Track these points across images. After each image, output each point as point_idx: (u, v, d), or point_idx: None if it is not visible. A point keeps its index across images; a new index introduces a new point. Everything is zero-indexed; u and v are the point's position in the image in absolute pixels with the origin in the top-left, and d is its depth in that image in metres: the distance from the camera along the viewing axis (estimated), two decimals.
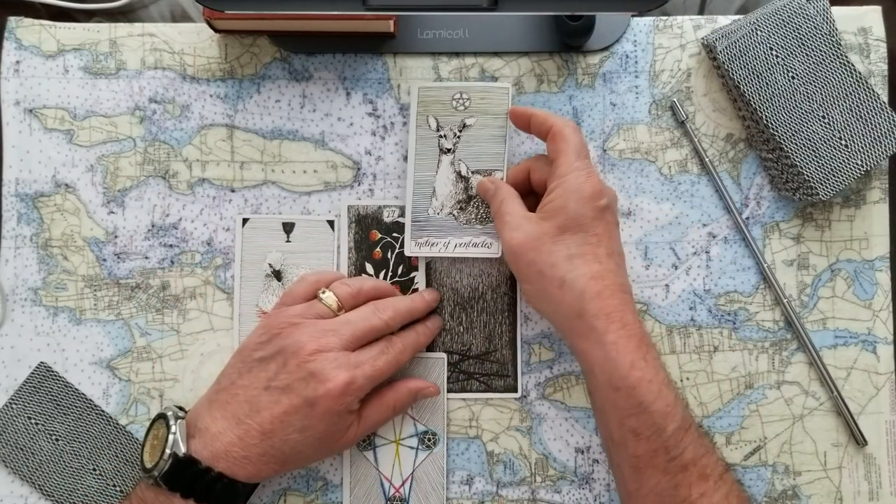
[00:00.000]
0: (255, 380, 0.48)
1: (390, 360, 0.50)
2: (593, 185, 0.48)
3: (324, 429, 0.47)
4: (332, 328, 0.49)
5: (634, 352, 0.45)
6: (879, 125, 0.53)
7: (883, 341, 0.55)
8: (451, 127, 0.55)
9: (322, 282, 0.52)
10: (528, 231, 0.48)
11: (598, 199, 0.48)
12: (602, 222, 0.48)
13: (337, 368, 0.47)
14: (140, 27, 0.57)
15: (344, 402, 0.47)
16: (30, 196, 0.56)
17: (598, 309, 0.46)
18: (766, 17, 0.54)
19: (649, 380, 0.45)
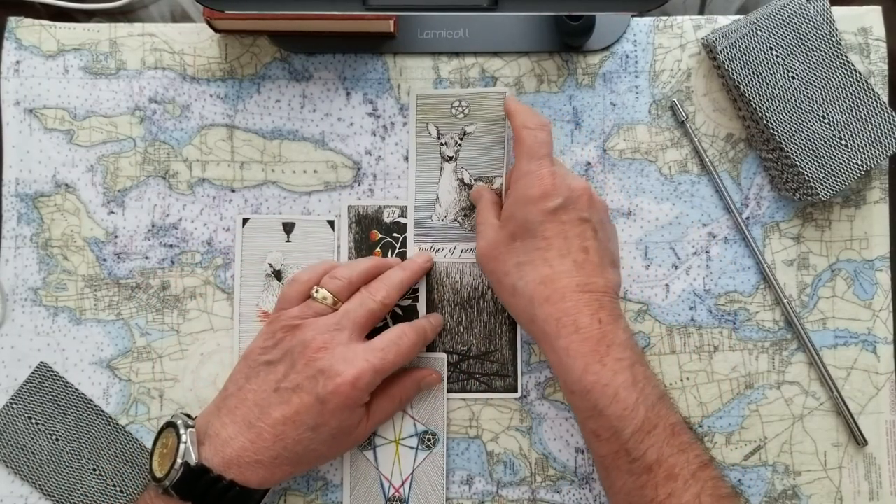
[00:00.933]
0: (264, 382, 0.48)
1: (401, 352, 0.49)
2: (543, 187, 0.47)
3: (336, 425, 0.47)
4: (334, 322, 0.49)
5: (588, 355, 0.45)
6: (879, 125, 0.53)
7: (883, 341, 0.55)
8: (452, 135, 0.56)
9: (313, 280, 0.51)
10: (488, 239, 0.49)
11: (546, 201, 0.47)
12: (553, 224, 0.47)
13: (345, 363, 0.47)
14: (140, 27, 0.57)
15: (354, 396, 0.47)
16: (30, 196, 0.56)
17: (546, 314, 0.46)
18: (766, 17, 0.54)
19: (604, 384, 0.44)
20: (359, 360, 0.47)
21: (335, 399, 0.46)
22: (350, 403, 0.47)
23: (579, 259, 0.47)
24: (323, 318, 0.49)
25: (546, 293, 0.46)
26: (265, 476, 0.47)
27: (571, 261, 0.47)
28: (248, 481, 0.46)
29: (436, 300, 0.55)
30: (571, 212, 0.47)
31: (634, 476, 0.44)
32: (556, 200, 0.47)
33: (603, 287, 0.47)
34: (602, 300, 0.46)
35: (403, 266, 0.53)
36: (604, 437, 0.45)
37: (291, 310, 0.50)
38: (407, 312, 0.55)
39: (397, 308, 0.55)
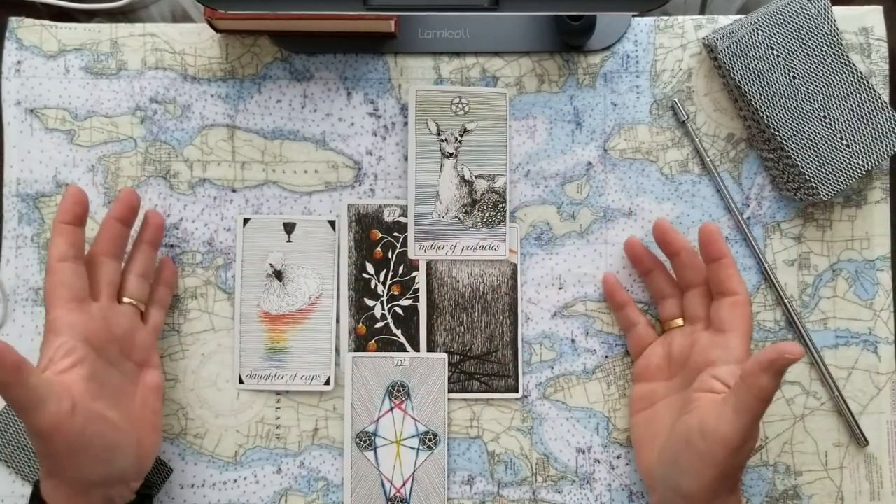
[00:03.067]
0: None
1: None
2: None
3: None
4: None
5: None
6: (880, 125, 0.53)
7: (884, 341, 0.55)
8: (452, 131, 0.56)
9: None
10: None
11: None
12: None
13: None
14: (141, 27, 0.57)
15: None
16: (31, 196, 0.56)
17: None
18: (767, 16, 0.54)
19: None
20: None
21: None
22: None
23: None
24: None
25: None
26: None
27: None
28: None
29: (436, 300, 0.55)
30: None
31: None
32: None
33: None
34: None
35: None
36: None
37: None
38: (407, 312, 0.55)
39: (398, 308, 0.55)
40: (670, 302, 0.53)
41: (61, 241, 0.47)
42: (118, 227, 0.50)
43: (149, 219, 0.53)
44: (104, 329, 0.48)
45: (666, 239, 0.52)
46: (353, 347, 0.55)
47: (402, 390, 0.55)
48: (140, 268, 0.52)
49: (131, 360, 0.50)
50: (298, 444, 0.55)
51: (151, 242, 0.53)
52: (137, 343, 0.50)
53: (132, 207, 0.51)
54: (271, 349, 0.55)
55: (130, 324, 0.50)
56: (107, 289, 0.49)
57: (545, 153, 0.56)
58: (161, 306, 0.53)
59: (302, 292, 0.55)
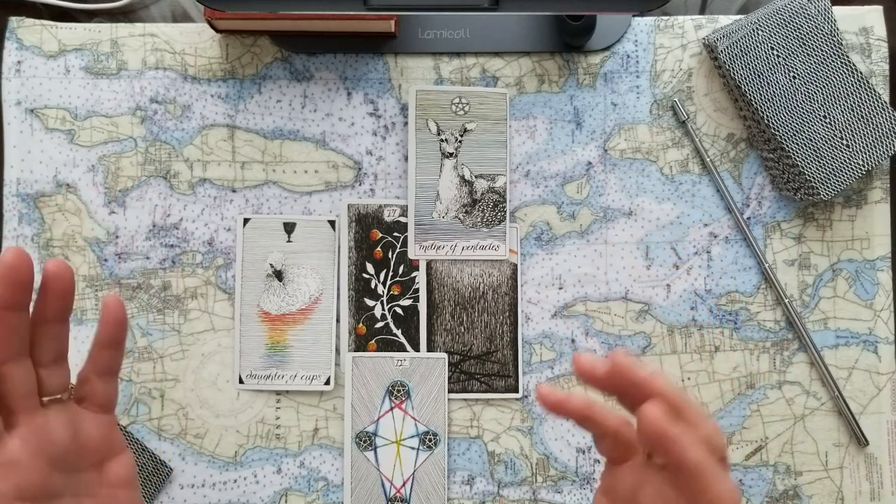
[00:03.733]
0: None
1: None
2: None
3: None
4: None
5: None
6: (880, 125, 0.53)
7: (884, 341, 0.55)
8: (452, 131, 0.56)
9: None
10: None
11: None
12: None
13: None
14: (141, 27, 0.57)
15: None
16: (31, 196, 0.56)
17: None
18: (767, 16, 0.54)
19: None
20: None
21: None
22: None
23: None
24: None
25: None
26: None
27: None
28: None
29: (436, 300, 0.55)
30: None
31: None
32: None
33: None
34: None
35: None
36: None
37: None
38: (407, 312, 0.55)
39: (398, 308, 0.55)
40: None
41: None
42: (12, 318, 0.34)
43: (48, 283, 0.35)
44: (33, 462, 0.35)
45: (627, 382, 0.36)
46: (353, 347, 0.55)
47: (402, 390, 0.55)
48: (51, 354, 0.37)
49: (84, 469, 0.38)
50: (298, 444, 0.55)
51: (58, 317, 0.36)
52: (84, 444, 0.38)
53: (21, 284, 0.34)
54: (271, 349, 0.55)
55: (66, 427, 0.37)
56: (24, 403, 0.35)
57: (545, 153, 0.56)
58: (108, 374, 0.39)
59: (302, 292, 0.55)
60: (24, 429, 0.35)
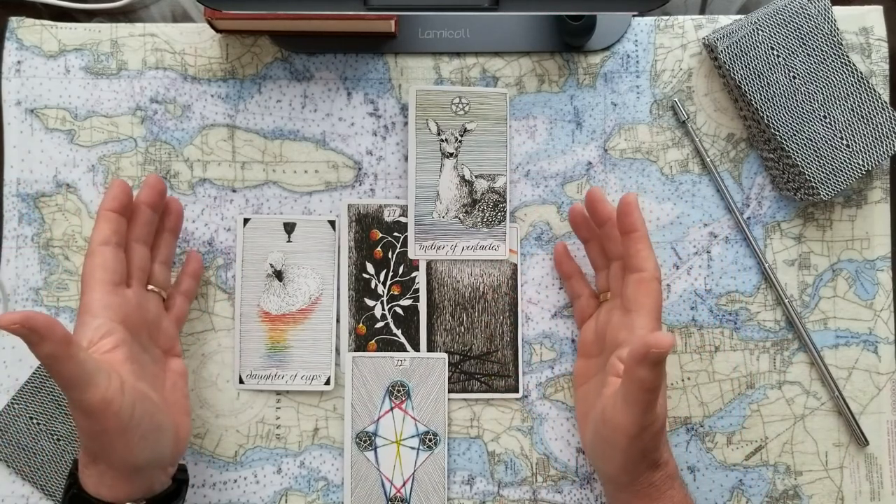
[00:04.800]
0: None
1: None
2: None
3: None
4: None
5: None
6: (881, 125, 0.53)
7: (884, 341, 0.55)
8: (453, 131, 0.56)
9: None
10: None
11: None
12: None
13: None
14: (141, 27, 0.57)
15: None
16: (31, 196, 0.56)
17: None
18: (767, 16, 0.54)
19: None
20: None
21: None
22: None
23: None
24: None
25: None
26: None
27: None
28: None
29: (436, 300, 0.55)
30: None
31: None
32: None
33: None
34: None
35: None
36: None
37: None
38: (407, 312, 0.55)
39: (398, 308, 0.55)
40: (602, 274, 0.53)
41: (106, 226, 0.47)
42: (149, 213, 0.50)
43: (170, 206, 0.52)
44: (137, 314, 0.48)
45: (594, 208, 0.50)
46: (354, 347, 0.55)
47: (402, 390, 0.55)
48: (163, 256, 0.52)
49: (158, 347, 0.50)
50: (298, 444, 0.55)
51: (173, 230, 0.53)
52: (163, 330, 0.51)
53: (161, 192, 0.51)
54: (271, 349, 0.55)
55: (157, 311, 0.51)
56: (138, 274, 0.50)
57: (545, 153, 0.56)
58: (187, 297, 0.54)
59: (302, 292, 0.55)
60: (134, 290, 0.49)
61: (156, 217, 0.51)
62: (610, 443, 0.45)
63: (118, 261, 0.48)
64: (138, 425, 0.43)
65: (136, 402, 0.43)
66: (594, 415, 0.47)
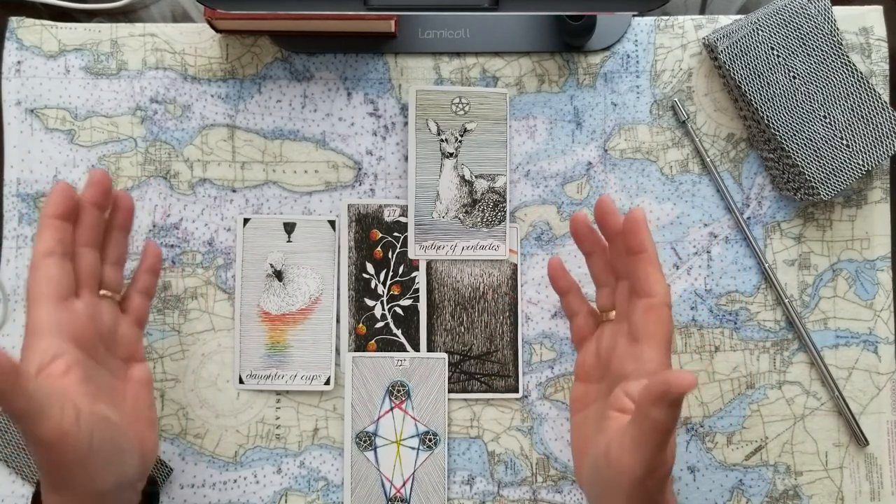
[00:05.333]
0: None
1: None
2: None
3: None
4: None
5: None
6: (881, 125, 0.53)
7: (884, 341, 0.55)
8: (453, 131, 0.56)
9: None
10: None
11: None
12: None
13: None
14: (141, 27, 0.57)
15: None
16: (31, 196, 0.56)
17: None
18: (767, 16, 0.54)
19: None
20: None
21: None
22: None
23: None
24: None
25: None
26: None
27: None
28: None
29: (436, 300, 0.55)
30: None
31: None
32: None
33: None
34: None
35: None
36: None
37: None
38: (408, 312, 0.55)
39: (398, 308, 0.55)
40: (605, 291, 0.47)
41: (48, 235, 0.44)
42: (95, 214, 0.46)
43: (119, 202, 0.48)
44: (90, 327, 0.44)
45: (605, 220, 0.44)
46: (353, 347, 0.55)
47: (402, 390, 0.55)
48: (114, 256, 0.48)
49: (116, 357, 0.47)
50: (298, 444, 0.55)
51: (123, 227, 0.49)
52: (120, 338, 0.47)
53: (106, 189, 0.46)
54: (271, 349, 0.55)
55: (112, 318, 0.47)
56: (88, 281, 0.46)
57: (545, 153, 0.56)
58: (146, 295, 0.50)
59: (302, 292, 0.55)
60: (85, 300, 0.45)
61: (103, 216, 0.47)
62: (612, 485, 0.40)
63: (64, 272, 0.44)
64: (98, 452, 0.40)
65: (93, 429, 0.40)
66: (595, 451, 0.42)
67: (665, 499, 0.41)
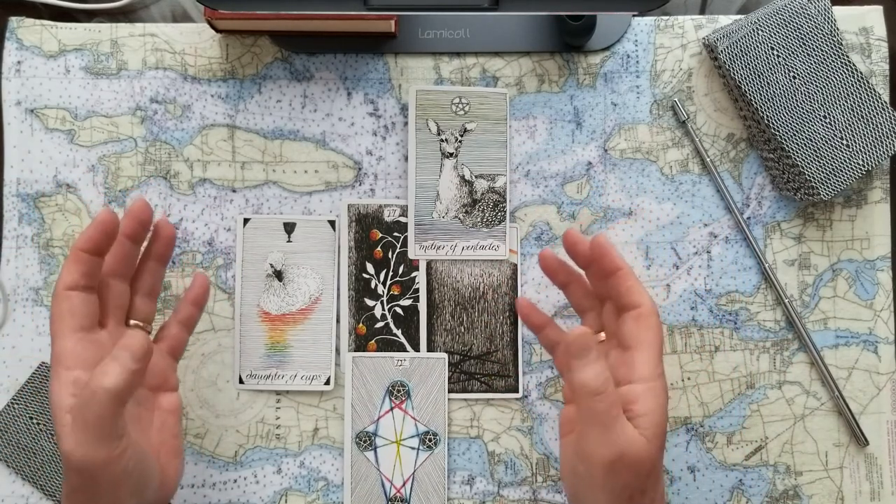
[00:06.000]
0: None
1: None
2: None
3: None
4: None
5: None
6: (881, 125, 0.53)
7: (884, 341, 0.55)
8: (453, 131, 0.56)
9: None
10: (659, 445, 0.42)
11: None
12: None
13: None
14: (141, 27, 0.57)
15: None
16: (31, 196, 0.56)
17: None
18: (767, 16, 0.54)
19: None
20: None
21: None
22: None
23: None
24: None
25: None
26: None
27: None
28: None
29: (436, 300, 0.55)
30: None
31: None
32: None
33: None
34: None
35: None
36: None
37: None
38: (407, 312, 0.55)
39: (398, 308, 0.55)
40: (590, 316, 0.48)
41: (75, 269, 0.43)
42: (128, 246, 0.46)
43: (159, 231, 0.48)
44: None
45: (575, 251, 0.47)
46: (353, 347, 0.55)
47: (402, 390, 0.55)
48: (147, 287, 0.48)
49: (144, 386, 0.46)
50: (298, 444, 0.55)
51: (160, 258, 0.48)
52: (150, 367, 0.46)
53: (144, 223, 0.46)
54: (271, 349, 0.55)
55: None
56: (115, 313, 0.45)
57: (545, 153, 0.56)
58: (185, 327, 0.49)
59: (302, 292, 0.55)
60: (111, 331, 0.45)
61: (137, 248, 0.47)
62: (588, 481, 0.41)
63: (88, 304, 0.43)
64: (130, 477, 0.41)
65: (129, 455, 0.40)
66: (570, 460, 0.43)
67: (651, 498, 0.41)
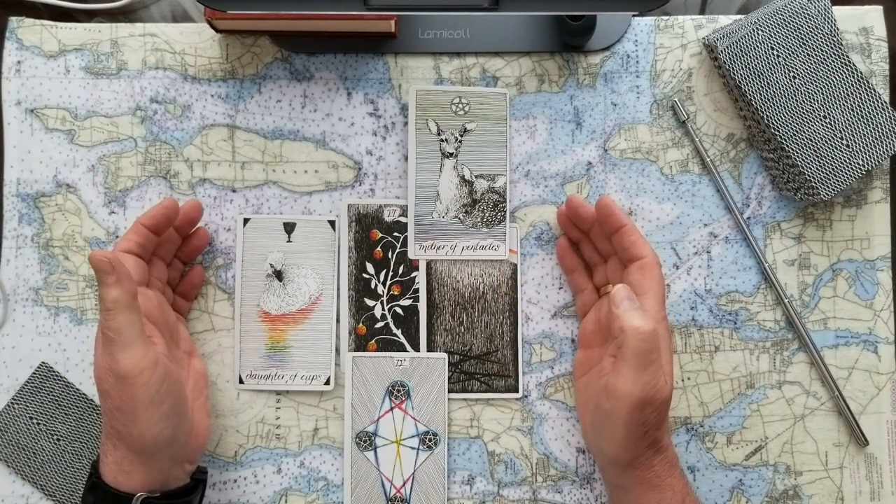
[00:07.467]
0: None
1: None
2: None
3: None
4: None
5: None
6: (880, 125, 0.53)
7: (884, 341, 0.55)
8: (453, 131, 0.56)
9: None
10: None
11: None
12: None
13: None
14: (141, 27, 0.57)
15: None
16: (31, 196, 0.56)
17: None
18: (767, 16, 0.54)
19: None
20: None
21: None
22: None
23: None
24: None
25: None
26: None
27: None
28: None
29: (436, 300, 0.55)
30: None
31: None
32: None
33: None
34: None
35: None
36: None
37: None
38: (407, 312, 0.55)
39: (398, 308, 0.55)
40: (600, 270, 0.54)
41: (133, 237, 0.50)
42: (175, 237, 0.53)
43: (195, 236, 0.55)
44: (160, 315, 0.50)
45: (577, 214, 0.53)
46: (353, 347, 0.55)
47: (402, 390, 0.55)
48: (169, 277, 0.54)
49: (179, 349, 0.52)
50: (298, 444, 0.55)
51: (185, 258, 0.55)
52: (181, 333, 0.53)
53: (192, 221, 0.54)
54: (271, 349, 0.55)
55: (174, 315, 0.53)
56: (157, 283, 0.52)
57: (545, 153, 0.56)
58: (185, 299, 0.55)
59: (302, 292, 0.55)
60: (155, 293, 0.51)
61: (178, 241, 0.53)
62: (611, 415, 0.45)
63: (139, 265, 0.49)
64: (162, 402, 0.45)
65: (166, 377, 0.45)
66: (596, 395, 0.48)
67: (662, 435, 0.47)
